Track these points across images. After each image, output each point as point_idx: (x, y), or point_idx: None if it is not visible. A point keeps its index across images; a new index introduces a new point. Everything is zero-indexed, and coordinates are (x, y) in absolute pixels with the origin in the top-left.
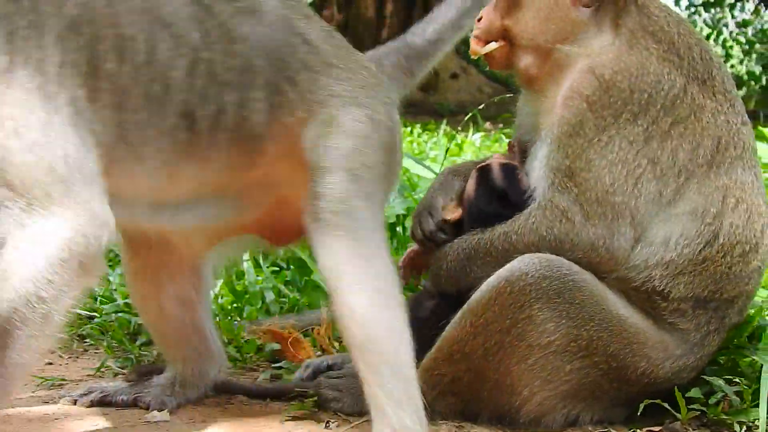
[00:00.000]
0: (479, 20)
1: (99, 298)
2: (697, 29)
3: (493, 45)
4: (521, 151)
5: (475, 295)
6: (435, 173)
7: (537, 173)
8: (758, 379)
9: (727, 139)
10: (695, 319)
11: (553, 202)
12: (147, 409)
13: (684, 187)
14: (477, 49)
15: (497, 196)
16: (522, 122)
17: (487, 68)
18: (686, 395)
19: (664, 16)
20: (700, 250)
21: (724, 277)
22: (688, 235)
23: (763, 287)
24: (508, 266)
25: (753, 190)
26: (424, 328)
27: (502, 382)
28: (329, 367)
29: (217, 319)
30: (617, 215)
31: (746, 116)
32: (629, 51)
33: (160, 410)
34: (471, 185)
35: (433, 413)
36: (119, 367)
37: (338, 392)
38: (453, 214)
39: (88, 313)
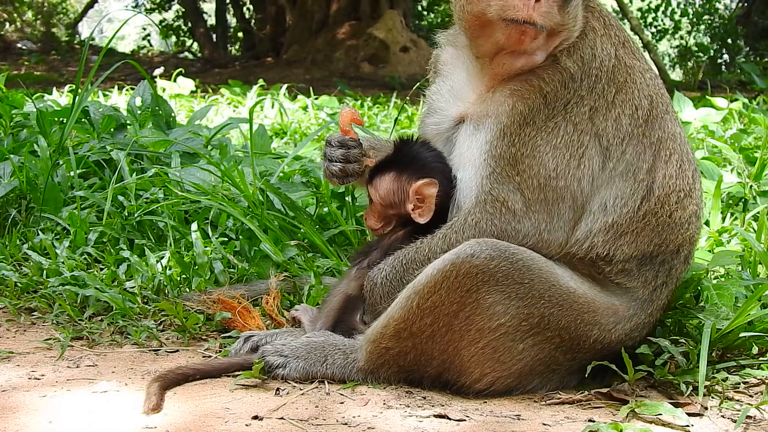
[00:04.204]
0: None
1: (45, 271)
2: (646, 2)
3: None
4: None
5: (421, 277)
6: None
7: (473, 162)
8: (702, 339)
9: (656, 95)
10: (641, 276)
11: (493, 195)
12: None
13: (625, 151)
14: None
15: None
16: (439, 107)
17: None
18: (636, 352)
19: None
20: (638, 206)
21: (666, 228)
22: (623, 194)
23: (709, 250)
24: (454, 249)
25: (681, 139)
26: None
27: (450, 362)
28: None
29: (166, 290)
30: (558, 199)
31: (654, 69)
32: (582, 35)
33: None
34: None
35: (378, 379)
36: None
37: (283, 358)
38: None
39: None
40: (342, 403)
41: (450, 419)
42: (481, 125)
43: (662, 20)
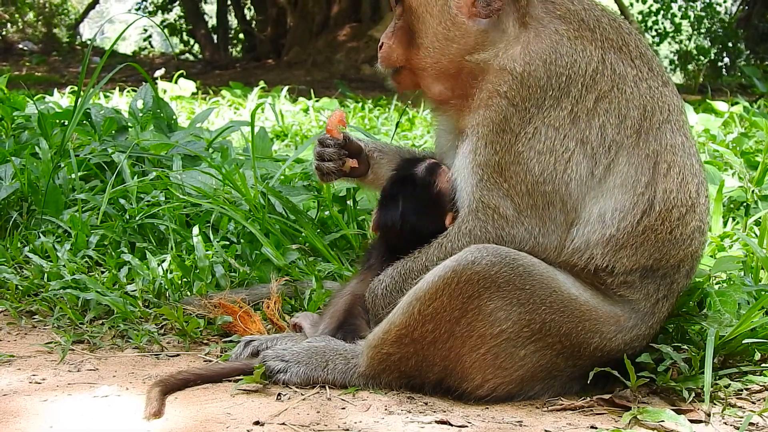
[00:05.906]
0: (380, 46)
1: (46, 274)
2: (647, 5)
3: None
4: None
5: (422, 283)
6: None
7: (462, 171)
8: (706, 346)
9: (653, 105)
10: (644, 288)
11: (484, 202)
12: None
13: (614, 161)
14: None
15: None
16: (440, 142)
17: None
18: (636, 360)
19: None
20: (638, 221)
21: (667, 243)
22: (622, 207)
23: (710, 255)
24: (455, 256)
25: (684, 151)
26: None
27: (452, 369)
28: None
29: (167, 294)
30: (548, 203)
31: (666, 75)
32: (537, 39)
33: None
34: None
35: (379, 384)
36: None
37: (284, 362)
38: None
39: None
40: (343, 408)
41: (452, 425)
42: (467, 138)
43: (662, 23)
